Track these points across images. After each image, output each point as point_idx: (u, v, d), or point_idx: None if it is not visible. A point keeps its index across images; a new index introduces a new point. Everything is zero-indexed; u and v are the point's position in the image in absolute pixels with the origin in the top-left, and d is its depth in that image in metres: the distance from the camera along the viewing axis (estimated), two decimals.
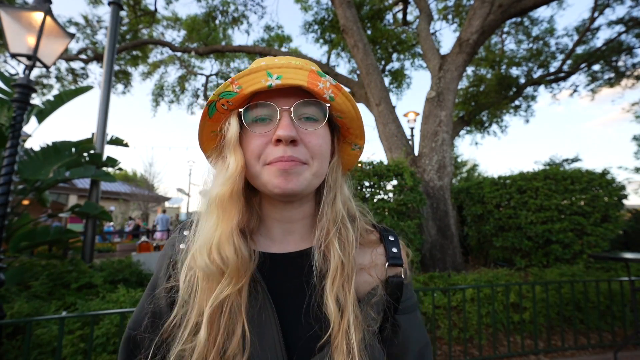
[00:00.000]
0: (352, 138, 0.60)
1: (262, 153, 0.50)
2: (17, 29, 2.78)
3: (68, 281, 3.44)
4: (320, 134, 0.52)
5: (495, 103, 9.92)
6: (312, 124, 0.52)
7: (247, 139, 0.52)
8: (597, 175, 4.86)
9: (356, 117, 0.56)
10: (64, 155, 4.18)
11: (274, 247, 0.56)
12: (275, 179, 0.49)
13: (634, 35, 8.57)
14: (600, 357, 2.96)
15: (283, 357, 0.47)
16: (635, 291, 3.03)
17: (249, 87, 0.49)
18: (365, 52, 6.15)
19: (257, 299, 0.50)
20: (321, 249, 0.53)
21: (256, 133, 0.51)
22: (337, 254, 0.51)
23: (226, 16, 10.39)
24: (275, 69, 0.49)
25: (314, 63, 0.56)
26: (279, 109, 0.50)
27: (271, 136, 0.50)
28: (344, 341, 0.47)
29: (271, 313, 0.49)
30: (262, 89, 0.49)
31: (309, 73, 0.50)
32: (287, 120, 0.49)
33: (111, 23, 5.21)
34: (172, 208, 25.78)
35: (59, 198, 17.77)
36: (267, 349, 0.47)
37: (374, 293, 0.53)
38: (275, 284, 0.52)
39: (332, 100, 0.52)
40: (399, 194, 4.27)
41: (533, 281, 3.44)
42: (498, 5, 5.35)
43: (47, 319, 2.18)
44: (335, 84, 0.52)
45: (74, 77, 10.21)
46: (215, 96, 0.51)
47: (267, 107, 0.50)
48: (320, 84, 0.50)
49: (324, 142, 0.53)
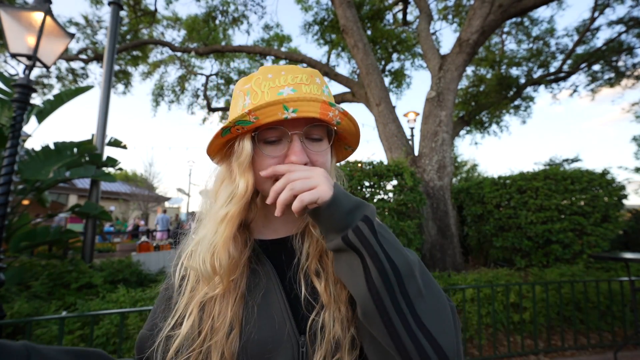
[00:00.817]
0: (347, 143, 0.67)
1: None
2: (17, 29, 2.78)
3: (68, 281, 3.44)
4: (327, 152, 0.60)
5: (495, 103, 9.92)
6: (319, 144, 0.59)
7: (258, 159, 0.57)
8: (597, 176, 4.86)
9: (356, 133, 0.63)
10: (64, 156, 4.18)
11: (274, 234, 0.64)
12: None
13: (634, 35, 8.56)
14: (600, 357, 2.96)
15: (290, 320, 0.54)
16: (635, 291, 3.03)
17: (265, 119, 0.53)
18: (365, 52, 6.15)
19: (261, 276, 0.58)
20: (302, 232, 0.62)
21: (268, 156, 0.56)
22: (314, 236, 0.60)
23: (226, 16, 10.39)
24: (292, 103, 0.52)
25: (317, 73, 0.61)
26: (291, 133, 0.55)
27: (282, 158, 0.56)
28: (331, 300, 0.54)
29: (276, 284, 0.57)
30: (278, 120, 0.54)
31: (321, 105, 0.54)
32: (298, 144, 0.55)
33: (111, 23, 5.21)
34: (172, 208, 25.76)
35: (59, 198, 17.77)
36: (275, 316, 0.54)
37: None
38: (277, 263, 0.61)
39: (339, 124, 0.58)
40: (399, 194, 4.27)
41: (533, 281, 3.44)
42: (498, 5, 5.35)
43: (47, 319, 2.18)
44: (343, 111, 0.57)
45: (74, 77, 10.21)
46: (231, 123, 0.54)
47: (279, 130, 0.56)
48: (330, 113, 0.55)
49: (328, 158, 0.61)
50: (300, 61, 8.40)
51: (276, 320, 0.54)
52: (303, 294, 0.56)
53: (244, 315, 0.55)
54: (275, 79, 0.56)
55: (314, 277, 0.57)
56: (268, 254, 0.61)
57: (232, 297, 0.56)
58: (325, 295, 0.55)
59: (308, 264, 0.58)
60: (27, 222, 4.06)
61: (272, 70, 0.58)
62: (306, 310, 0.55)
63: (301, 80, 0.57)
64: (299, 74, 0.57)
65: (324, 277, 0.57)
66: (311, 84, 0.57)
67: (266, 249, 0.62)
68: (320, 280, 0.57)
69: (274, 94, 0.55)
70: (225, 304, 0.55)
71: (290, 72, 0.57)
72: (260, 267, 0.59)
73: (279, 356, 0.52)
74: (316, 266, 0.58)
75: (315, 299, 0.56)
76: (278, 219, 0.63)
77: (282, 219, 0.63)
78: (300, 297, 0.56)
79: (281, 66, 0.59)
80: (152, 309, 0.64)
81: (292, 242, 0.62)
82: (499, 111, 10.96)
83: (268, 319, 0.54)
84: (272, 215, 0.62)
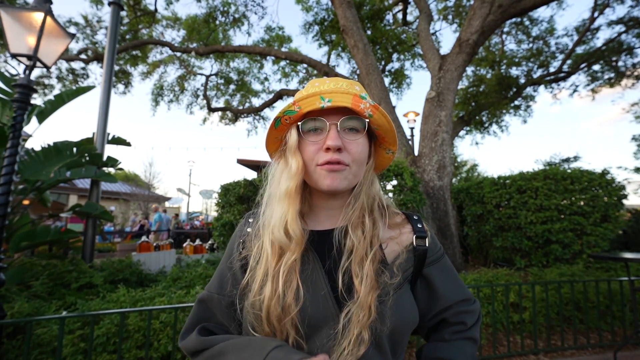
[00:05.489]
0: (387, 145, 0.73)
1: (315, 156, 0.65)
2: (17, 29, 2.79)
3: (68, 281, 3.44)
4: (360, 142, 0.66)
5: (495, 103, 9.91)
6: (354, 135, 0.66)
7: (303, 146, 0.66)
8: (597, 175, 4.85)
9: (390, 129, 0.69)
10: (64, 156, 4.18)
11: (319, 226, 0.72)
12: (325, 180, 0.64)
13: (634, 35, 8.56)
14: (600, 356, 2.96)
15: (332, 301, 0.62)
16: (635, 291, 3.03)
17: (306, 108, 0.64)
18: (365, 52, 6.15)
19: (309, 262, 0.66)
20: (343, 229, 0.68)
21: (310, 142, 0.65)
22: (351, 239, 0.66)
23: (226, 17, 10.39)
24: (327, 94, 0.63)
25: (358, 83, 0.72)
26: (328, 122, 0.64)
27: (322, 144, 0.64)
28: (364, 298, 0.60)
29: (320, 271, 0.65)
30: (317, 109, 0.63)
31: (353, 97, 0.63)
32: (335, 132, 0.63)
33: (111, 23, 5.22)
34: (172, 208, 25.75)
35: (60, 198, 17.77)
36: (319, 296, 0.63)
37: (397, 257, 0.68)
38: (320, 252, 0.68)
39: (371, 116, 0.65)
40: (399, 194, 4.28)
41: (533, 281, 3.44)
42: (498, 6, 5.35)
43: (47, 318, 2.18)
44: (374, 104, 0.65)
45: (74, 77, 10.22)
46: (281, 113, 0.66)
47: (319, 121, 0.65)
48: (361, 105, 0.63)
49: (363, 149, 0.67)
50: (300, 61, 8.41)
51: (320, 302, 0.62)
52: (339, 289, 0.62)
53: (302, 287, 0.63)
54: (320, 86, 0.67)
55: (354, 277, 0.63)
56: (312, 244, 0.68)
57: (297, 271, 0.64)
58: (357, 294, 0.61)
59: (348, 264, 0.64)
60: (28, 222, 4.06)
61: (318, 80, 0.70)
62: (341, 298, 0.62)
63: (341, 86, 0.67)
64: (340, 82, 0.68)
65: (360, 279, 0.62)
66: (350, 87, 0.67)
67: (312, 240, 0.68)
68: (358, 280, 0.62)
69: (316, 90, 0.66)
70: (293, 275, 0.63)
71: (333, 80, 0.68)
72: (308, 255, 0.67)
73: (324, 329, 0.61)
74: (356, 269, 0.63)
75: (350, 294, 0.62)
76: (323, 211, 0.72)
77: (326, 212, 0.72)
78: (337, 287, 0.63)
79: (328, 78, 0.69)
80: (218, 273, 0.73)
81: (334, 235, 0.68)
82: (499, 111, 10.95)
83: (317, 297, 0.63)
84: (318, 208, 0.72)
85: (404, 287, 0.67)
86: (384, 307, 0.61)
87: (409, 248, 0.70)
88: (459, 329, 0.70)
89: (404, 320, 0.64)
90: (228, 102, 12.99)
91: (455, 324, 0.71)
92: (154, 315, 2.33)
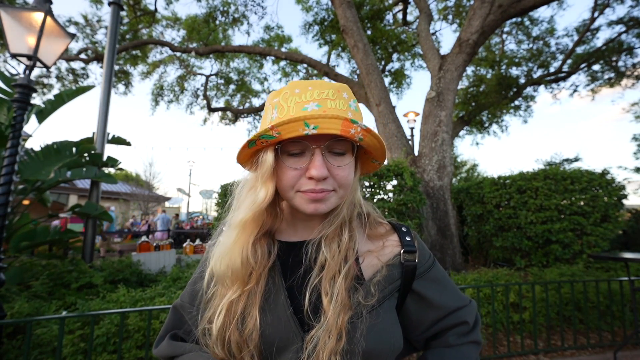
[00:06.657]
0: (374, 157, 0.66)
1: (296, 184, 0.58)
2: (17, 29, 2.78)
3: (68, 281, 3.44)
4: (347, 167, 0.59)
5: (495, 103, 9.91)
6: (341, 159, 0.59)
7: (281, 170, 0.59)
8: (597, 175, 4.85)
9: (380, 147, 0.60)
10: (64, 156, 4.18)
11: (294, 236, 0.67)
12: (307, 205, 0.58)
13: (634, 35, 8.56)
14: (600, 356, 2.96)
15: (294, 323, 0.57)
16: (635, 291, 3.03)
17: (287, 134, 0.54)
18: (365, 52, 6.15)
19: (274, 277, 0.62)
20: (316, 242, 0.62)
21: (290, 167, 0.57)
22: (324, 254, 0.60)
23: (226, 16, 10.39)
24: (312, 120, 0.53)
25: (346, 87, 0.62)
26: (312, 146, 0.56)
27: (304, 171, 0.57)
28: (332, 320, 0.55)
29: (282, 289, 0.60)
30: (300, 136, 0.54)
31: (343, 122, 0.53)
32: (319, 158, 0.56)
33: (111, 23, 5.22)
34: (172, 208, 25.74)
35: (59, 198, 17.76)
36: (281, 317, 0.58)
37: (376, 274, 0.61)
38: (288, 265, 0.64)
39: (361, 140, 0.57)
40: (399, 194, 4.28)
41: (533, 281, 3.44)
42: (498, 6, 5.35)
43: (47, 318, 2.18)
44: (366, 128, 0.56)
45: (74, 77, 10.21)
46: (256, 137, 0.57)
47: (301, 144, 0.57)
48: (352, 130, 0.54)
49: (350, 172, 0.60)
50: (300, 61, 8.41)
51: (282, 324, 0.58)
52: (305, 307, 0.57)
53: (261, 313, 0.59)
54: (302, 94, 0.57)
55: (323, 295, 0.57)
56: (280, 258, 0.64)
57: (252, 298, 0.59)
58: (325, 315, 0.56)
59: (318, 281, 0.59)
60: (28, 222, 4.06)
61: (299, 85, 0.59)
62: (307, 318, 0.58)
63: (327, 96, 0.57)
64: (325, 89, 0.58)
65: (330, 297, 0.57)
66: (337, 99, 0.57)
67: (281, 252, 0.65)
68: (327, 299, 0.57)
69: (299, 109, 0.55)
70: (250, 303, 0.59)
71: (317, 87, 0.58)
72: (274, 270, 0.63)
73: (287, 354, 0.56)
74: (327, 286, 0.58)
75: (317, 315, 0.57)
76: (301, 221, 0.67)
77: (305, 223, 0.66)
78: (303, 307, 0.58)
79: (309, 81, 0.59)
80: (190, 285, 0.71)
81: (305, 247, 0.63)
82: (499, 111, 10.95)
83: (278, 318, 0.58)
84: (296, 218, 0.67)
85: (385, 306, 0.60)
86: (355, 331, 0.55)
87: (393, 263, 0.63)
88: (462, 330, 0.67)
89: (382, 346, 0.57)
90: (228, 102, 12.99)
91: (457, 325, 0.67)
92: (154, 315, 2.33)
